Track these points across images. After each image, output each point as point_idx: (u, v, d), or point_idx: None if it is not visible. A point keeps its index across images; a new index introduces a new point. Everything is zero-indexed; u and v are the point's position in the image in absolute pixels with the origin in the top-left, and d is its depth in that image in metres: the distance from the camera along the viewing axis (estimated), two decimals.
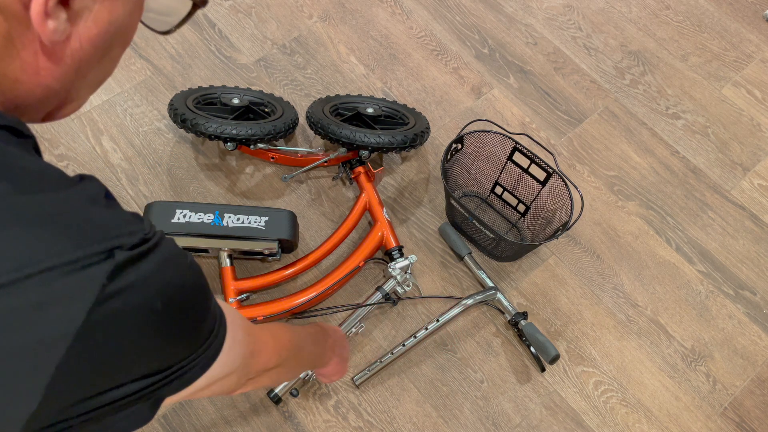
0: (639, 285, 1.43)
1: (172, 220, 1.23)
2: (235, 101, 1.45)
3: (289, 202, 1.47)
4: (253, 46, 1.68)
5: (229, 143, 1.34)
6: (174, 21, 0.51)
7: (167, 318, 0.43)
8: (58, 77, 0.44)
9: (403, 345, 1.28)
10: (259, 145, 1.41)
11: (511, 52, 1.75)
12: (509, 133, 1.35)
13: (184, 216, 1.24)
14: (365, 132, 1.35)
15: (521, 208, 1.44)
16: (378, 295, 1.31)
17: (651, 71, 1.75)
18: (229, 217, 1.25)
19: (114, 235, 0.40)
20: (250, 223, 1.26)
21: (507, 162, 1.41)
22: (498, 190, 1.48)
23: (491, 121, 1.38)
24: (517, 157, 1.39)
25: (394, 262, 1.34)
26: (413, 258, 1.34)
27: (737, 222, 1.53)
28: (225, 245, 1.27)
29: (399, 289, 1.33)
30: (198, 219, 1.24)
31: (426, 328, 1.30)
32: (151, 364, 0.45)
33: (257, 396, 1.25)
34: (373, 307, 1.32)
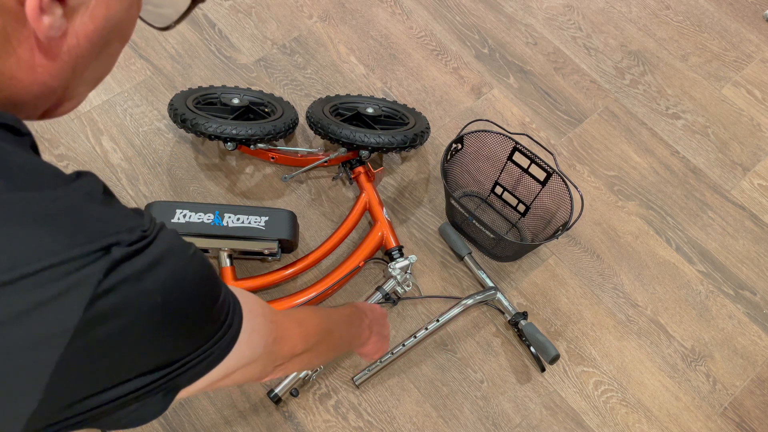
0: (639, 285, 1.43)
1: (172, 220, 1.23)
2: (235, 101, 1.45)
3: (289, 202, 1.47)
4: (253, 46, 1.68)
5: (229, 143, 1.34)
6: (174, 16, 0.50)
7: (169, 311, 0.43)
8: (54, 74, 0.44)
9: (403, 345, 1.28)
10: (259, 145, 1.41)
11: (511, 52, 1.75)
12: (509, 133, 1.35)
13: (184, 216, 1.24)
14: (365, 132, 1.35)
15: (521, 208, 1.44)
16: (378, 295, 1.31)
17: (651, 71, 1.75)
18: (229, 217, 1.25)
19: (111, 232, 0.40)
20: (250, 223, 1.26)
21: (507, 162, 1.41)
22: (498, 190, 1.48)
23: (491, 121, 1.38)
24: (517, 157, 1.39)
25: (394, 262, 1.34)
26: (413, 258, 1.34)
27: (737, 222, 1.53)
28: (225, 245, 1.27)
29: (399, 289, 1.33)
30: (198, 219, 1.24)
31: (426, 328, 1.30)
32: (158, 358, 0.44)
33: (257, 396, 1.25)
34: None
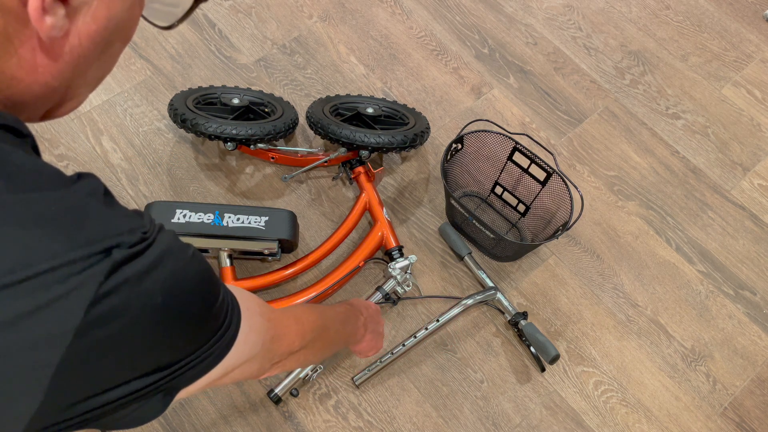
0: (639, 285, 1.43)
1: (172, 220, 1.23)
2: (235, 101, 1.45)
3: (289, 202, 1.47)
4: (253, 46, 1.68)
5: (229, 143, 1.34)
6: (178, 13, 0.50)
7: (169, 312, 0.43)
8: (56, 74, 0.43)
9: (403, 345, 1.28)
10: (259, 145, 1.41)
11: (511, 52, 1.75)
12: (509, 133, 1.35)
13: (184, 216, 1.24)
14: (365, 132, 1.35)
15: (521, 208, 1.44)
16: (378, 295, 1.31)
17: (651, 71, 1.75)
18: (229, 217, 1.25)
19: (112, 234, 0.40)
20: (250, 223, 1.26)
21: (507, 162, 1.41)
22: (498, 190, 1.48)
23: (491, 121, 1.38)
24: (517, 157, 1.39)
25: (394, 262, 1.34)
26: (413, 258, 1.34)
27: (737, 222, 1.53)
28: (225, 245, 1.27)
29: (399, 289, 1.33)
30: (198, 219, 1.24)
31: (426, 328, 1.30)
32: (159, 358, 0.45)
33: (257, 396, 1.25)
34: None
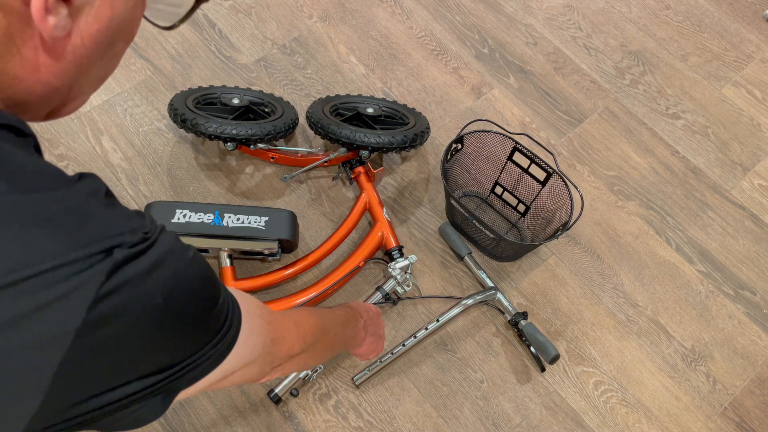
0: (639, 285, 1.43)
1: (172, 220, 1.23)
2: (235, 101, 1.45)
3: (289, 202, 1.47)
4: (253, 46, 1.68)
5: (229, 143, 1.34)
6: (180, 12, 0.49)
7: (170, 313, 0.43)
8: (59, 74, 0.43)
9: (403, 345, 1.28)
10: (259, 145, 1.41)
11: (511, 52, 1.75)
12: (509, 133, 1.35)
13: (184, 216, 1.24)
14: (365, 132, 1.35)
15: (521, 208, 1.44)
16: (378, 295, 1.31)
17: (651, 71, 1.75)
18: (229, 217, 1.25)
19: (114, 234, 0.40)
20: (250, 223, 1.26)
21: (507, 162, 1.41)
22: (498, 190, 1.48)
23: (491, 121, 1.38)
24: (517, 157, 1.39)
25: (394, 262, 1.34)
26: (413, 258, 1.34)
27: (737, 222, 1.53)
28: (225, 245, 1.27)
29: (399, 289, 1.33)
30: (198, 219, 1.24)
31: (426, 328, 1.30)
32: (159, 359, 0.45)
33: (257, 396, 1.25)
34: None
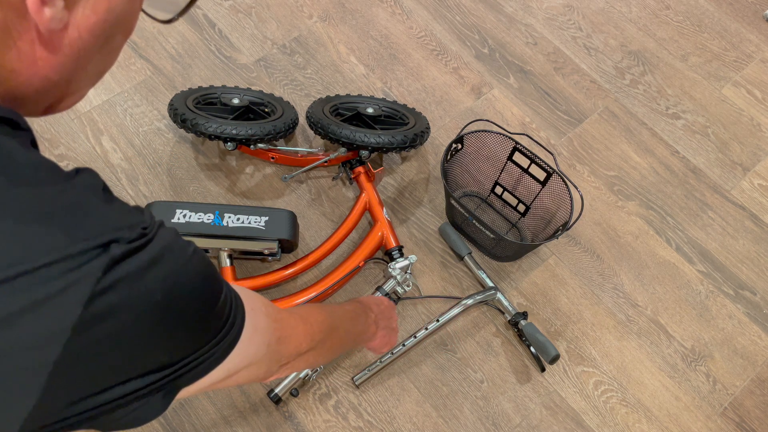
0: (639, 285, 1.43)
1: (172, 220, 1.23)
2: (235, 101, 1.45)
3: (289, 202, 1.47)
4: (253, 46, 1.68)
5: (229, 143, 1.34)
6: (181, 3, 0.48)
7: (169, 310, 0.42)
8: (56, 68, 0.43)
9: (403, 345, 1.28)
10: (259, 145, 1.41)
11: (511, 52, 1.75)
12: (509, 133, 1.35)
13: (184, 216, 1.24)
14: (365, 132, 1.35)
15: (521, 208, 1.44)
16: (378, 295, 1.31)
17: (651, 71, 1.75)
18: (229, 217, 1.25)
19: (111, 229, 0.40)
20: (250, 223, 1.26)
21: (507, 162, 1.41)
22: (498, 190, 1.48)
23: (491, 121, 1.38)
24: (517, 157, 1.39)
25: (394, 262, 1.34)
26: (413, 258, 1.34)
27: (737, 222, 1.53)
28: (225, 245, 1.27)
29: (399, 289, 1.33)
30: (198, 219, 1.24)
31: (426, 328, 1.30)
32: (159, 357, 0.44)
33: (257, 396, 1.25)
34: None
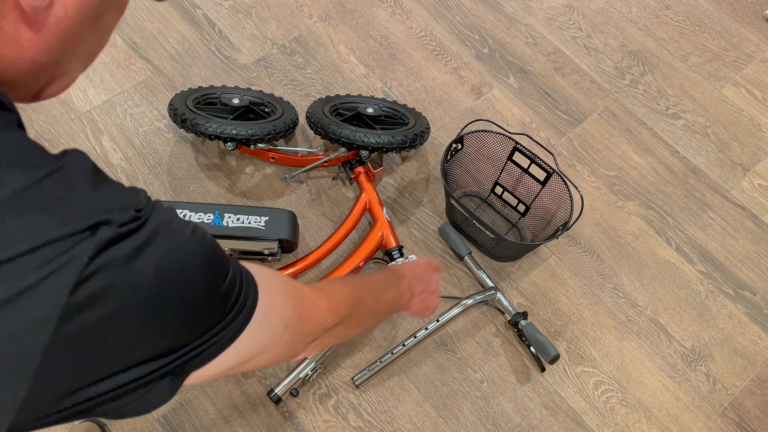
0: (639, 285, 1.43)
1: None
2: (235, 101, 1.45)
3: (289, 202, 1.47)
4: (253, 46, 1.68)
5: (229, 143, 1.34)
6: None
7: (164, 294, 0.40)
8: (43, 48, 0.40)
9: (403, 345, 1.28)
10: (259, 145, 1.41)
11: (511, 52, 1.75)
12: (509, 133, 1.35)
13: (184, 216, 1.24)
14: (365, 132, 1.35)
15: (521, 208, 1.44)
16: (413, 259, 1.30)
17: (651, 71, 1.75)
18: (229, 217, 1.25)
19: (99, 210, 0.38)
20: (250, 223, 1.26)
21: (507, 162, 1.41)
22: (498, 190, 1.48)
23: (491, 121, 1.38)
24: (517, 157, 1.39)
25: (393, 262, 1.34)
26: (413, 258, 1.34)
27: (737, 222, 1.53)
28: (225, 245, 1.27)
29: None
30: (198, 219, 1.24)
31: (426, 328, 1.30)
32: (158, 344, 0.42)
33: (257, 396, 1.25)
34: None
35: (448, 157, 1.38)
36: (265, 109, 1.48)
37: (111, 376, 0.40)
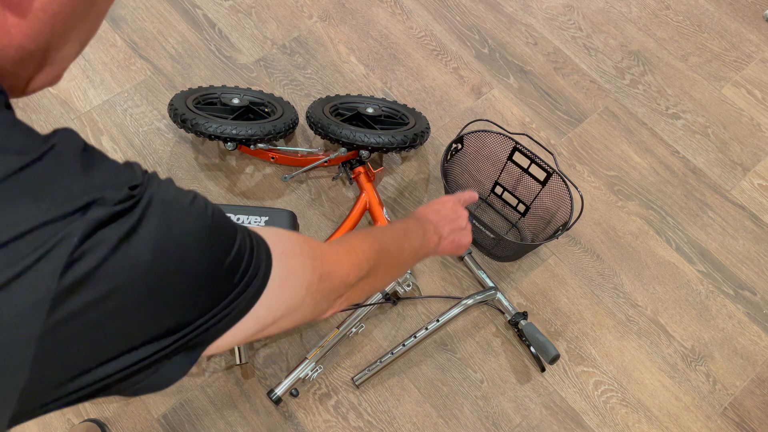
0: (639, 285, 1.43)
1: None
2: (235, 101, 1.45)
3: (289, 202, 1.47)
4: (253, 46, 1.68)
5: (229, 143, 1.34)
6: None
7: (163, 271, 0.38)
8: (30, 35, 0.38)
9: (403, 345, 1.28)
10: (259, 145, 1.41)
11: (511, 52, 1.75)
12: (509, 133, 1.35)
13: None
14: (365, 132, 1.35)
15: (521, 208, 1.44)
16: (378, 295, 1.31)
17: (651, 71, 1.75)
18: (229, 217, 1.25)
19: (90, 189, 0.36)
20: (250, 223, 1.26)
21: (507, 162, 1.41)
22: (498, 190, 1.48)
23: (491, 121, 1.38)
24: (517, 157, 1.39)
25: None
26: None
27: (737, 222, 1.53)
28: None
29: (399, 289, 1.33)
30: None
31: (426, 328, 1.30)
32: (164, 322, 0.40)
33: (257, 396, 1.25)
34: (373, 307, 1.32)
35: (448, 157, 1.38)
36: (265, 109, 1.48)
37: (116, 358, 0.39)
